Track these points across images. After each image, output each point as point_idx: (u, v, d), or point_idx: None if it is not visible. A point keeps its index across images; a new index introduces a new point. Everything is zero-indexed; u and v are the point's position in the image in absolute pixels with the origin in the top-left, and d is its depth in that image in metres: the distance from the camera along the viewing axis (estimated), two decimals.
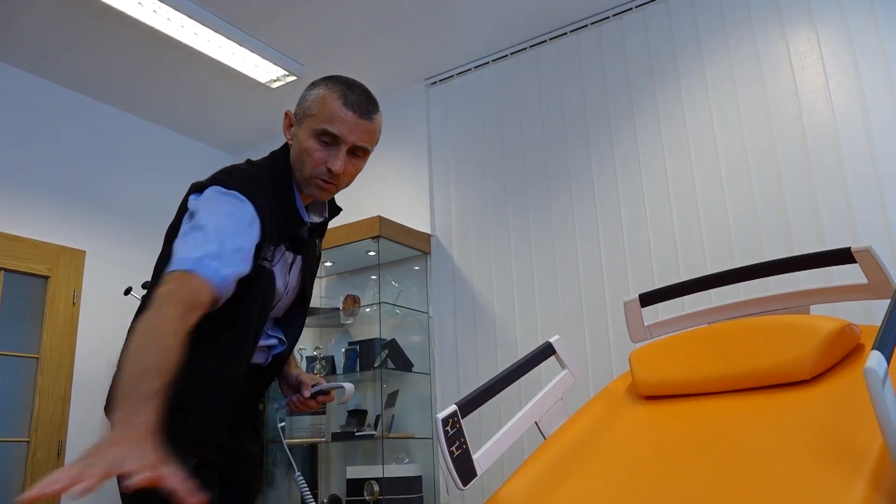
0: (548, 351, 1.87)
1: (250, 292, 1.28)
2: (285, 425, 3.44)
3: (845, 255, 1.71)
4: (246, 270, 1.23)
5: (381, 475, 3.14)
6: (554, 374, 1.90)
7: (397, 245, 3.46)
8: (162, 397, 0.99)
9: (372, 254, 3.55)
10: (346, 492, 3.26)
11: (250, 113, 4.09)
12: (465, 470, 1.49)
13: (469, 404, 1.59)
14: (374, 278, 3.64)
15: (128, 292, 3.54)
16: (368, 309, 3.61)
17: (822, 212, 2.60)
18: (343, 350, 3.58)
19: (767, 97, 2.82)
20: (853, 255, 1.69)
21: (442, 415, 1.49)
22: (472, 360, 3.36)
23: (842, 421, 1.31)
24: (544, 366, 1.90)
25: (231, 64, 3.50)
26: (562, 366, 1.90)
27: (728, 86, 2.92)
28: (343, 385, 1.51)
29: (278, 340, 1.49)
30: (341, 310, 3.60)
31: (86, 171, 3.77)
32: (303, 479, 1.57)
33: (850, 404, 1.34)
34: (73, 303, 3.55)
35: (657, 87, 3.10)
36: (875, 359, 1.02)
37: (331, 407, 3.65)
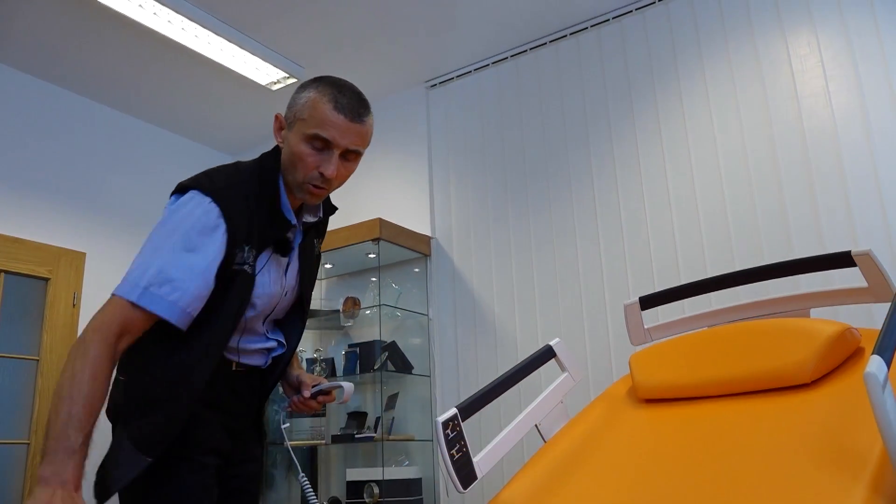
0: (548, 354, 1.87)
1: (227, 296, 1.29)
2: (289, 426, 3.44)
3: (845, 259, 1.71)
4: (204, 288, 1.24)
5: (381, 477, 3.13)
6: (554, 377, 1.90)
7: (397, 247, 3.46)
8: (86, 448, 1.07)
9: (372, 256, 3.55)
10: (346, 494, 3.26)
11: (251, 115, 4.09)
12: (466, 473, 1.49)
13: (469, 407, 1.59)
14: (374, 280, 3.64)
15: None
16: (368, 311, 3.61)
17: (822, 215, 2.60)
18: (343, 352, 3.58)
19: (767, 100, 2.82)
20: (853, 259, 1.70)
21: (442, 418, 1.49)
22: (472, 362, 3.36)
23: (842, 425, 1.31)
24: (544, 368, 1.90)
25: (231, 66, 3.50)
26: (562, 369, 1.90)
27: (728, 88, 2.92)
28: (342, 384, 1.52)
29: (278, 343, 1.49)
30: (341, 312, 3.60)
31: (87, 174, 3.77)
32: (307, 479, 1.57)
33: (850, 408, 1.34)
34: (74, 305, 3.55)
35: (657, 89, 3.10)
36: (875, 364, 1.02)
37: (331, 409, 3.65)
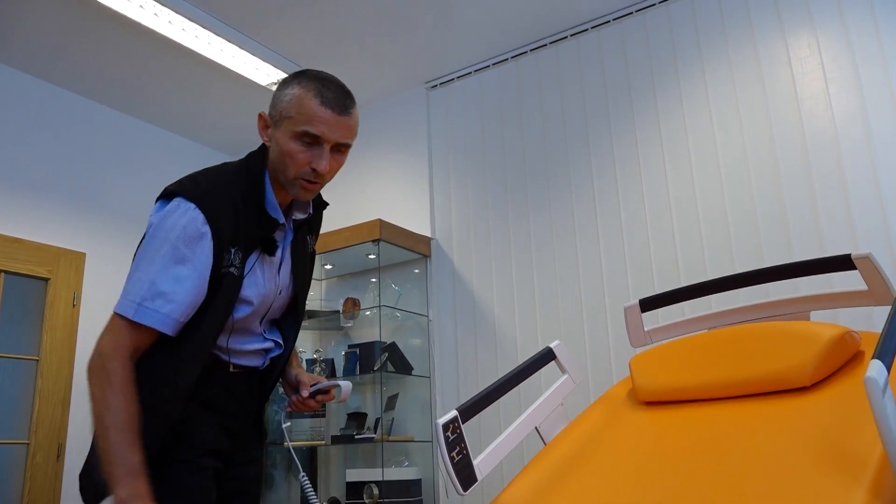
0: (548, 356, 1.87)
1: (214, 298, 1.30)
2: (290, 426, 3.44)
3: (845, 262, 1.72)
4: (196, 297, 1.27)
5: (381, 478, 3.14)
6: (554, 379, 1.90)
7: (397, 248, 3.46)
8: (144, 462, 1.16)
9: (372, 257, 3.55)
10: (346, 495, 3.26)
11: (251, 115, 4.09)
12: (466, 475, 1.49)
13: (469, 410, 1.59)
14: (374, 281, 3.64)
15: None
16: (368, 312, 3.61)
17: (822, 217, 2.60)
18: (343, 353, 3.58)
19: (767, 102, 2.82)
20: (853, 262, 1.70)
21: (442, 420, 1.50)
22: (471, 363, 3.36)
23: (842, 428, 1.31)
24: (544, 370, 1.90)
25: (231, 66, 3.50)
26: (562, 371, 1.90)
27: (728, 90, 2.92)
28: (340, 383, 1.51)
29: (274, 343, 1.49)
30: (341, 313, 3.61)
31: (87, 174, 3.77)
32: (307, 479, 1.57)
33: (850, 412, 1.34)
34: (74, 305, 3.55)
35: (657, 91, 3.10)
36: (875, 368, 1.02)
37: (330, 409, 3.65)
